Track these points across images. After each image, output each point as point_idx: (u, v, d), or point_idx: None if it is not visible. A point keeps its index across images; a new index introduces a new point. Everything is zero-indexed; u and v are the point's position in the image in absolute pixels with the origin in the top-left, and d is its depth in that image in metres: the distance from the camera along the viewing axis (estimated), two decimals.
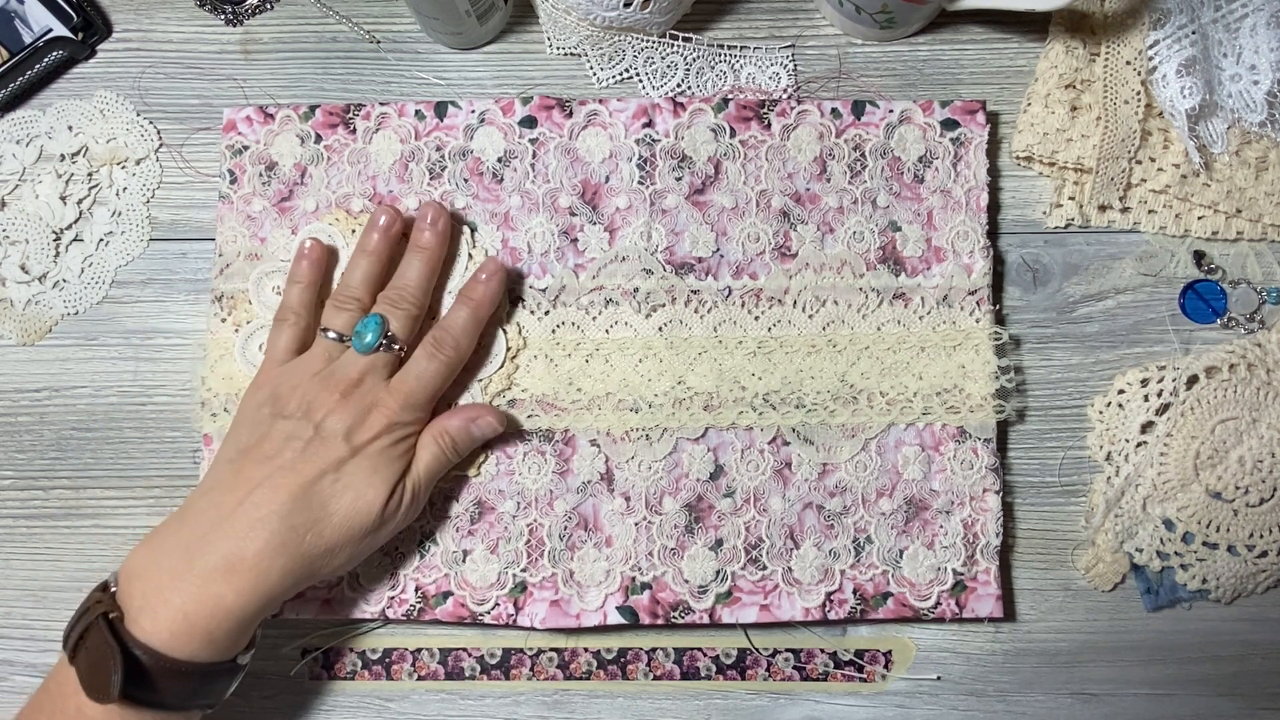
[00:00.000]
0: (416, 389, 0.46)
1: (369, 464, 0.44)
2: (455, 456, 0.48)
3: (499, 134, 0.52)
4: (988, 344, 0.51)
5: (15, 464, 0.53)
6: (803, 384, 0.50)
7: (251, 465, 0.44)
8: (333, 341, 0.47)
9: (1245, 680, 0.51)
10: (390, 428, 0.45)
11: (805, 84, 0.54)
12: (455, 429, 0.47)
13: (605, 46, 0.53)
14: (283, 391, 0.45)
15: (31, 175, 0.53)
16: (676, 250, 0.51)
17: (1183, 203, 0.53)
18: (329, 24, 0.55)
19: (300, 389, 0.45)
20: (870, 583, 0.50)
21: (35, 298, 0.53)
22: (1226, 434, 0.50)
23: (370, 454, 0.44)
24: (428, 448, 0.46)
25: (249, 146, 0.52)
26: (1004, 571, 0.51)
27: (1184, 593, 0.51)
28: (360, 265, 0.48)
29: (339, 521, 0.43)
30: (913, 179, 0.52)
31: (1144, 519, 0.50)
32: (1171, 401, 0.50)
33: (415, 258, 0.48)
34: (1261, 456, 0.50)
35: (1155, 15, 0.52)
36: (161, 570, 0.42)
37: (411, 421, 0.46)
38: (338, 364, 0.46)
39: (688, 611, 0.49)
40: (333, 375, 0.46)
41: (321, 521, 0.43)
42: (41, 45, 0.53)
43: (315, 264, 0.49)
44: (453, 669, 0.51)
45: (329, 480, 0.44)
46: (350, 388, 0.45)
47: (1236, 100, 0.52)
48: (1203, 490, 0.50)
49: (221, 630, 0.42)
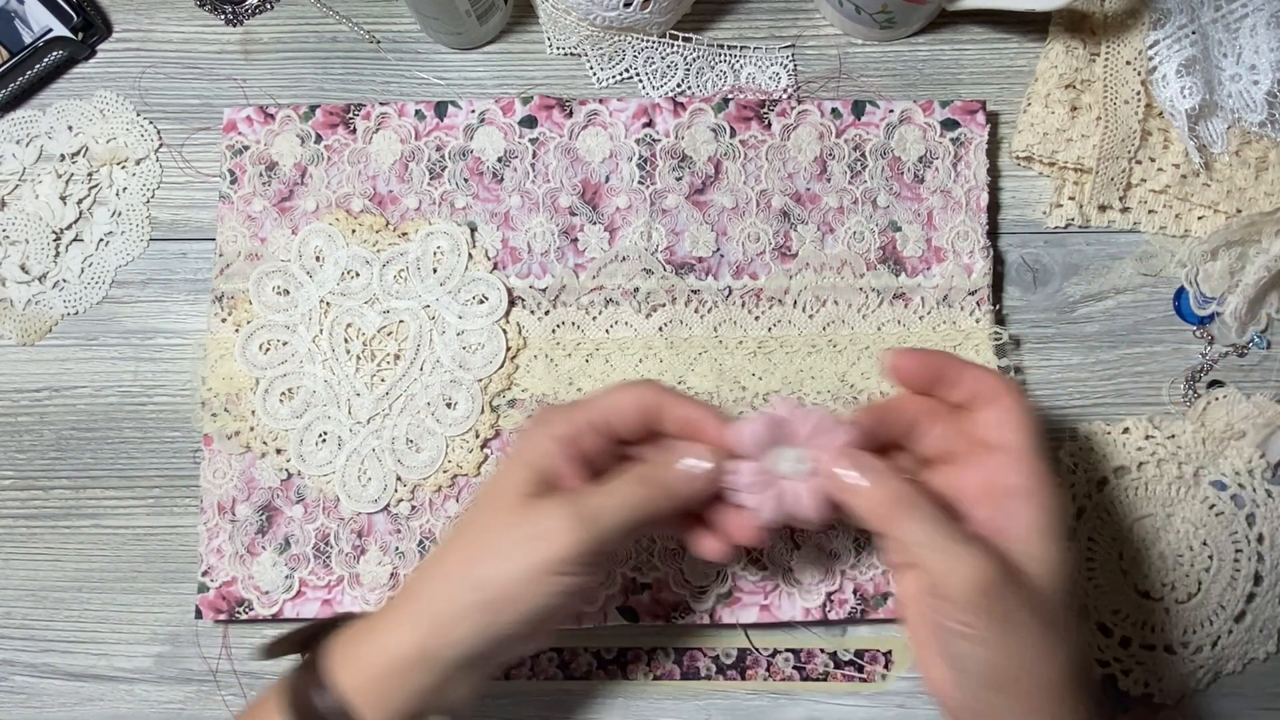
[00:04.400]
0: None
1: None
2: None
3: (499, 134, 0.52)
4: (988, 344, 0.51)
5: (15, 464, 0.53)
6: (803, 384, 0.50)
7: None
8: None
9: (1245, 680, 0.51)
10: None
11: (805, 84, 0.54)
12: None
13: (605, 46, 0.53)
14: None
15: (31, 175, 0.53)
16: (676, 250, 0.51)
17: (1183, 203, 0.53)
18: (329, 24, 0.55)
19: None
20: (870, 583, 0.50)
21: (35, 298, 0.53)
22: (1144, 532, 0.50)
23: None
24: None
25: (249, 146, 0.52)
26: None
27: (1127, 700, 0.50)
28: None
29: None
30: (913, 179, 0.52)
31: (1079, 626, 0.50)
32: (1086, 505, 0.50)
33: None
34: (1181, 551, 0.50)
35: (1155, 15, 0.52)
36: None
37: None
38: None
39: (688, 612, 0.49)
40: None
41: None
42: (41, 45, 0.53)
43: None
44: None
45: None
46: None
47: (1236, 100, 0.52)
48: (1132, 591, 0.50)
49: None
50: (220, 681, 0.51)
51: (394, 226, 0.51)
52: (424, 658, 0.38)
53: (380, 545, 0.50)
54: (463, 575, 0.38)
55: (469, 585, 0.38)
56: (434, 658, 0.38)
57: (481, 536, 0.39)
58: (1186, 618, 0.50)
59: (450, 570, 0.39)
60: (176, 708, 0.51)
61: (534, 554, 0.37)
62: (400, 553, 0.50)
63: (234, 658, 0.51)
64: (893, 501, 0.37)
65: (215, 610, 0.49)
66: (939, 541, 0.36)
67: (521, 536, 0.37)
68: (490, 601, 0.37)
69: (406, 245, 0.51)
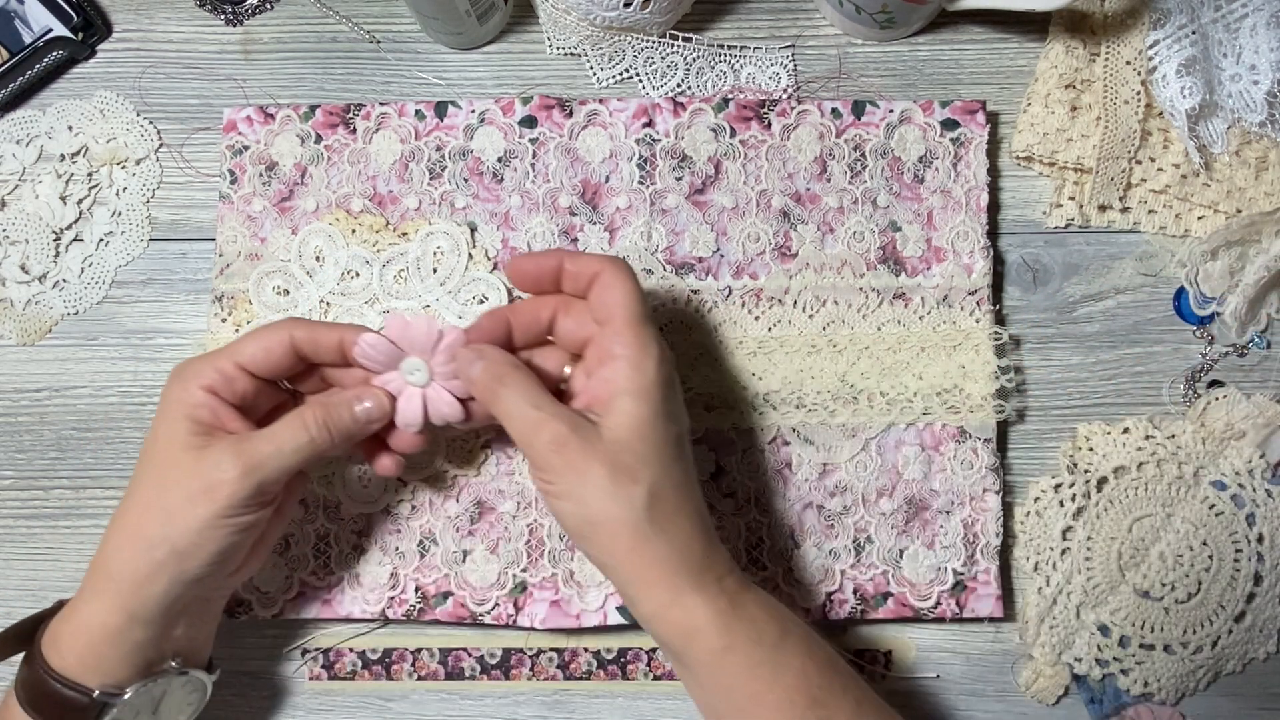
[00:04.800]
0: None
1: None
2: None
3: (499, 134, 0.52)
4: (988, 344, 0.51)
5: (15, 464, 0.53)
6: (803, 384, 0.50)
7: None
8: None
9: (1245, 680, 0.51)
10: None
11: (805, 84, 0.54)
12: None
13: (605, 46, 0.53)
14: None
15: (31, 175, 0.53)
16: (677, 250, 0.51)
17: (1183, 203, 0.53)
18: (329, 24, 0.55)
19: None
20: (870, 583, 0.50)
21: (35, 298, 0.53)
22: (1143, 531, 0.50)
23: None
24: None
25: (249, 146, 0.52)
26: (1004, 571, 0.51)
27: (1128, 698, 0.50)
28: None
29: None
30: (913, 179, 0.52)
31: (1079, 627, 0.50)
32: (1085, 505, 0.50)
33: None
34: (1180, 551, 0.50)
35: (1155, 15, 0.52)
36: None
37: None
38: None
39: None
40: None
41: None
42: (41, 45, 0.53)
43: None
44: (453, 669, 0.51)
45: None
46: None
47: (1236, 100, 0.52)
48: (1131, 591, 0.50)
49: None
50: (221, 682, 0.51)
51: (394, 226, 0.51)
52: (131, 618, 0.40)
53: (380, 545, 0.50)
54: (147, 536, 0.40)
55: (153, 544, 0.40)
56: (139, 615, 0.40)
57: (158, 496, 0.40)
58: (1186, 617, 0.50)
59: (134, 532, 0.41)
60: None
61: (207, 506, 0.39)
62: (400, 553, 0.50)
63: (234, 658, 0.51)
64: (489, 380, 0.41)
65: None
66: (522, 410, 0.40)
67: (193, 490, 0.40)
68: (175, 554, 0.40)
69: (406, 245, 0.51)
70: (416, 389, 0.43)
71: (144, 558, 0.40)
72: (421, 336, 0.42)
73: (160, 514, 0.40)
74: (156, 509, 0.40)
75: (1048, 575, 0.50)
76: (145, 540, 0.40)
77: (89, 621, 0.41)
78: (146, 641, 0.41)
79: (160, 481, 0.41)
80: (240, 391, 0.42)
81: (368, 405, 0.43)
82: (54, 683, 0.41)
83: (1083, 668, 0.50)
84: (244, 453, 0.40)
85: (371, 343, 0.42)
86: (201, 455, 0.40)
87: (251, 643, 0.51)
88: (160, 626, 0.41)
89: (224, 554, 0.41)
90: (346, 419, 0.42)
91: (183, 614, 0.42)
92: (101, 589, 0.41)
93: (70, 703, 0.41)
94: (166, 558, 0.40)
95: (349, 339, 0.42)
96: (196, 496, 0.40)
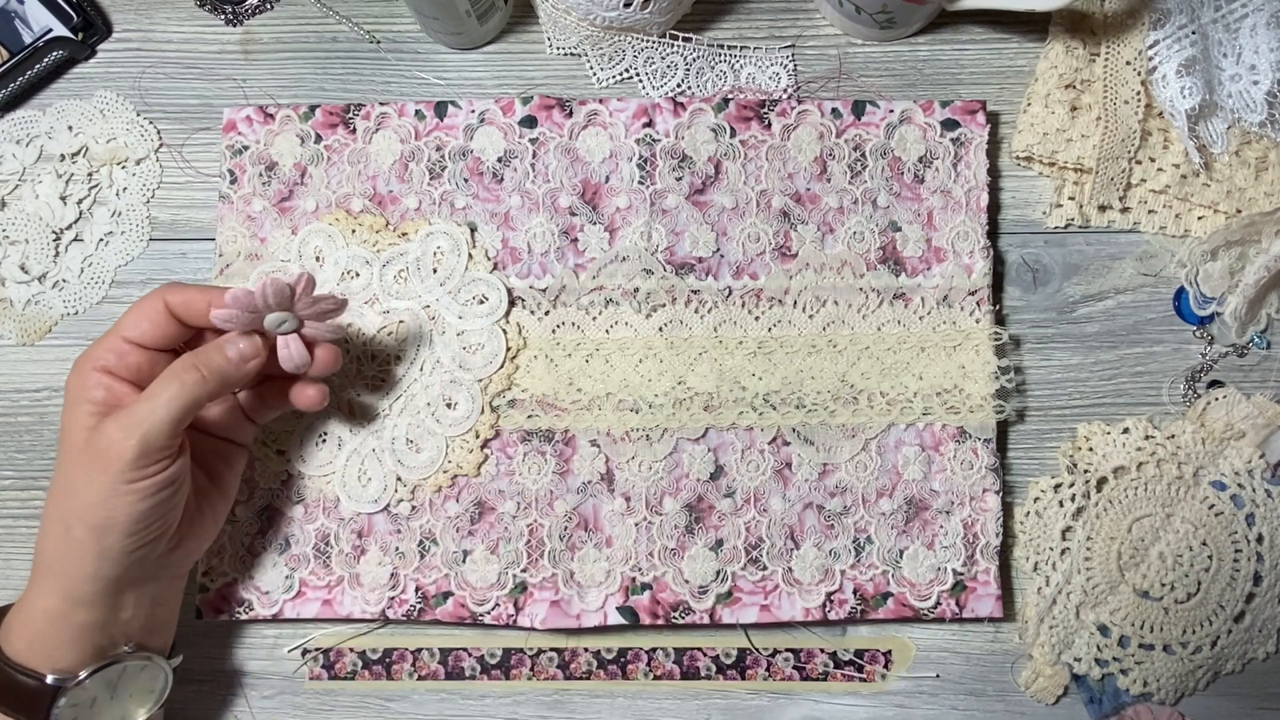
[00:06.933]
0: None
1: None
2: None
3: (499, 134, 0.52)
4: (988, 344, 0.51)
5: (15, 464, 0.53)
6: (803, 384, 0.50)
7: None
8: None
9: (1245, 680, 0.51)
10: None
11: (805, 84, 0.54)
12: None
13: (605, 46, 0.53)
14: None
15: (31, 175, 0.53)
16: (677, 250, 0.51)
17: (1183, 203, 0.53)
18: (329, 24, 0.55)
19: None
20: (870, 583, 0.50)
21: (35, 298, 0.53)
22: (1143, 531, 0.50)
23: None
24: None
25: (249, 146, 0.52)
26: (1004, 571, 0.51)
27: (1127, 698, 0.50)
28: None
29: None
30: (913, 179, 0.52)
31: (1078, 626, 0.50)
32: (1085, 505, 0.50)
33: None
34: (1180, 551, 0.50)
35: (1155, 15, 0.52)
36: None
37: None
38: None
39: (688, 612, 0.49)
40: None
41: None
42: (41, 45, 0.53)
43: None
44: (453, 669, 0.51)
45: None
46: None
47: (1236, 100, 0.52)
48: (1131, 591, 0.50)
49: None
50: (221, 681, 0.51)
51: (394, 226, 0.51)
52: (70, 601, 0.42)
53: (380, 545, 0.50)
54: (61, 519, 0.41)
55: (69, 525, 0.41)
56: (77, 598, 0.42)
57: (66, 478, 0.41)
58: (1186, 617, 0.50)
59: (54, 517, 0.42)
60: (177, 708, 0.51)
61: (101, 475, 0.40)
62: (400, 553, 0.50)
63: (234, 658, 0.51)
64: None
65: (216, 610, 0.49)
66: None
67: (89, 463, 0.40)
68: (91, 530, 0.41)
69: (406, 245, 0.51)
70: (284, 335, 0.44)
71: (64, 539, 0.41)
72: (276, 294, 0.42)
73: (68, 493, 0.41)
74: (65, 490, 0.41)
75: (1047, 575, 0.50)
76: (62, 522, 0.41)
77: (33, 607, 0.42)
78: (92, 624, 0.42)
79: (66, 465, 0.41)
80: (134, 365, 0.43)
81: (241, 346, 0.43)
82: (9, 670, 0.42)
83: (1082, 667, 0.50)
84: (125, 416, 0.40)
85: (225, 307, 0.42)
86: (96, 431, 0.41)
87: (251, 643, 0.51)
88: (104, 609, 0.42)
89: (140, 522, 0.41)
90: (219, 360, 0.42)
91: (126, 594, 0.43)
92: (40, 576, 0.42)
93: (24, 688, 0.42)
94: (84, 535, 0.41)
95: (216, 300, 0.43)
96: (92, 468, 0.40)
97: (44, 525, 0.42)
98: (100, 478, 0.40)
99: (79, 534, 0.41)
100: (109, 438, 0.40)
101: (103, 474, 0.40)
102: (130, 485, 0.40)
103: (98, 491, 0.40)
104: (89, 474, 0.40)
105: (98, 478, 0.40)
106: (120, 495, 0.40)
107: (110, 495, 0.40)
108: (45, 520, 0.42)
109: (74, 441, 0.41)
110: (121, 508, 0.40)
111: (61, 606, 0.42)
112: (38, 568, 0.42)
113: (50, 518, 0.42)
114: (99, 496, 0.40)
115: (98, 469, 0.40)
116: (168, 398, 0.41)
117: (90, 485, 0.40)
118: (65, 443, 0.42)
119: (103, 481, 0.40)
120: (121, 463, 0.40)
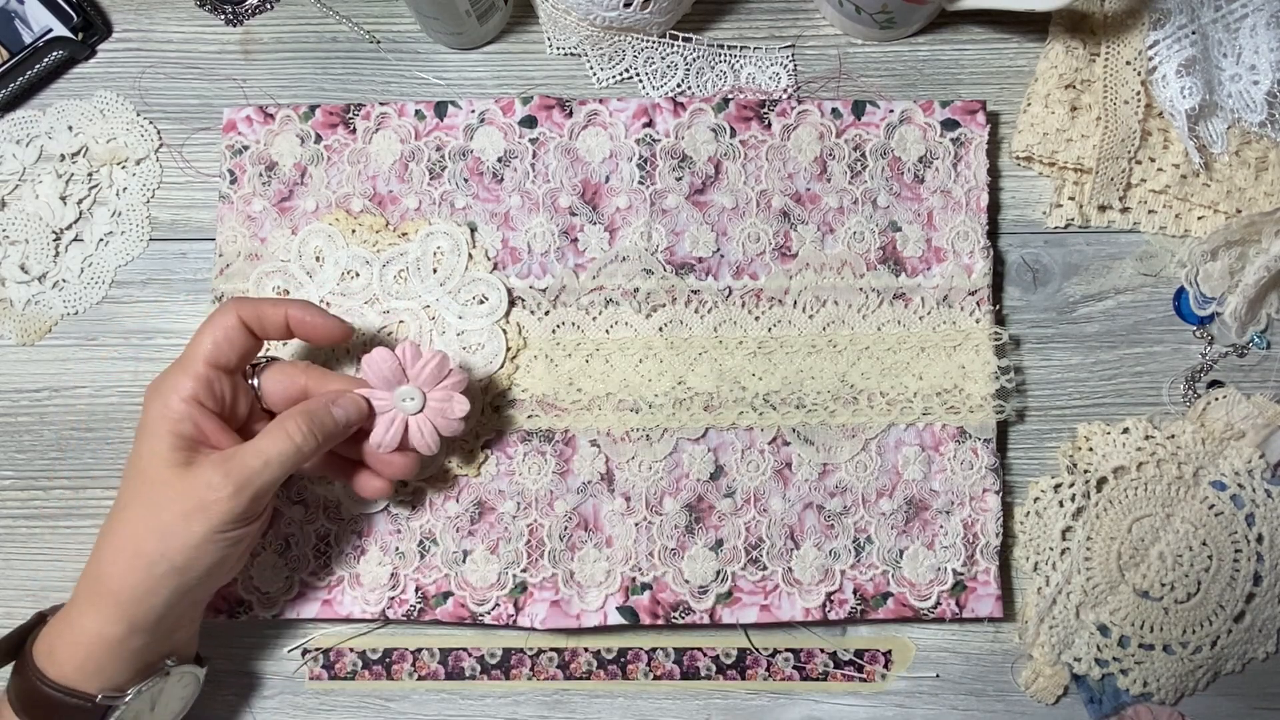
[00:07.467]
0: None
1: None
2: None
3: (499, 134, 0.52)
4: (988, 344, 0.51)
5: (15, 464, 0.53)
6: (803, 384, 0.50)
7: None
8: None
9: (1245, 680, 0.51)
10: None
11: (805, 84, 0.54)
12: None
13: (605, 46, 0.53)
14: None
15: (31, 175, 0.53)
16: (677, 250, 0.51)
17: (1183, 203, 0.53)
18: (329, 24, 0.55)
19: None
20: (870, 583, 0.50)
21: (35, 298, 0.53)
22: (1143, 531, 0.50)
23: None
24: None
25: (249, 146, 0.52)
26: (1003, 571, 0.51)
27: (1127, 698, 0.50)
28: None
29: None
30: (913, 179, 0.52)
31: (1078, 626, 0.50)
32: (1085, 505, 0.50)
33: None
34: (1180, 551, 0.50)
35: (1155, 15, 0.52)
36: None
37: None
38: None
39: (688, 612, 0.49)
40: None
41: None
42: (41, 45, 0.53)
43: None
44: (453, 669, 0.51)
45: None
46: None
47: (1236, 100, 0.52)
48: (1131, 591, 0.50)
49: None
50: (221, 682, 0.51)
51: (394, 226, 0.51)
52: (131, 629, 0.41)
53: (380, 545, 0.50)
54: (145, 554, 0.41)
55: (153, 562, 0.41)
56: (139, 625, 0.41)
57: (151, 515, 0.41)
58: (1185, 617, 0.50)
59: (131, 550, 0.41)
60: None
61: (202, 523, 0.40)
62: (400, 553, 0.50)
63: (234, 658, 0.51)
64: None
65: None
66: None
67: (188, 509, 0.40)
68: (175, 570, 0.41)
69: (406, 245, 0.51)
70: (400, 413, 0.45)
71: (144, 574, 0.41)
72: (433, 369, 0.44)
73: (156, 533, 0.41)
74: (152, 528, 0.41)
75: (1047, 575, 0.50)
76: (144, 558, 0.41)
77: (87, 633, 0.41)
78: (144, 647, 0.42)
79: (151, 500, 0.41)
80: (219, 394, 0.43)
81: (350, 411, 0.44)
82: (53, 692, 0.41)
83: (1082, 667, 0.50)
84: (234, 469, 0.41)
85: (378, 359, 0.43)
86: (189, 473, 0.41)
87: (251, 643, 0.51)
88: (158, 633, 0.42)
89: (224, 565, 0.43)
90: (329, 421, 0.43)
91: (183, 618, 0.44)
92: (100, 603, 0.41)
93: (72, 709, 0.41)
94: (167, 573, 0.41)
95: (293, 313, 0.44)
96: (191, 514, 0.40)
97: (110, 554, 0.41)
98: (199, 526, 0.40)
99: (161, 571, 0.41)
100: (211, 487, 0.40)
101: (203, 522, 0.40)
102: (226, 534, 0.41)
103: (195, 537, 0.40)
104: (187, 519, 0.40)
105: (196, 525, 0.40)
106: (215, 542, 0.41)
107: (206, 542, 0.41)
108: (112, 549, 0.41)
109: (157, 475, 0.41)
110: (212, 552, 0.41)
111: (121, 633, 0.41)
112: (96, 595, 0.41)
113: (121, 548, 0.41)
114: (195, 542, 0.40)
115: (198, 516, 0.40)
116: (280, 457, 0.41)
117: (187, 529, 0.40)
118: (144, 473, 0.41)
119: (202, 529, 0.40)
120: (226, 516, 0.40)
